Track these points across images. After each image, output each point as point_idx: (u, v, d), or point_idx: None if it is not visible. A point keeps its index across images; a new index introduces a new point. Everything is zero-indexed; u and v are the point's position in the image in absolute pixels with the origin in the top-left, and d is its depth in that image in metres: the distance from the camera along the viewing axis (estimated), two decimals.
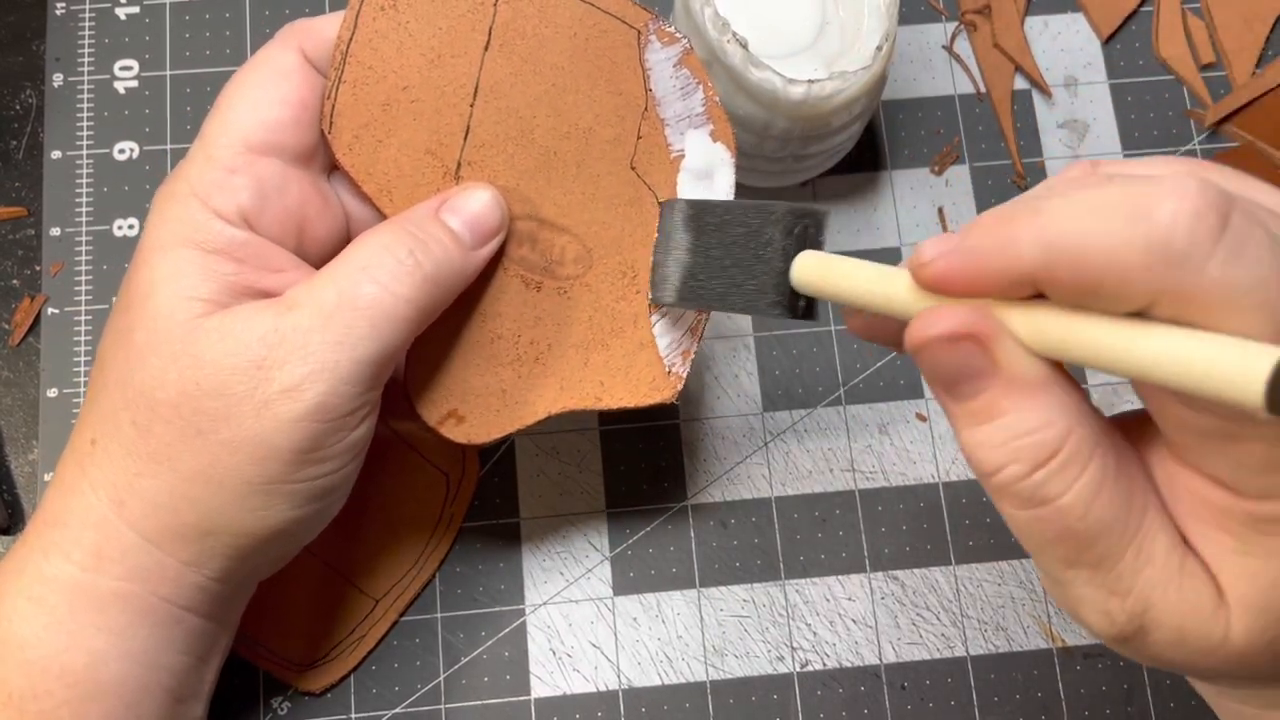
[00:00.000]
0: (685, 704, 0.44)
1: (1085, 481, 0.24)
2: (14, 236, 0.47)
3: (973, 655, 0.45)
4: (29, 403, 0.45)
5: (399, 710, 0.43)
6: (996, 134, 0.50)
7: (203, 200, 0.33)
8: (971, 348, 0.24)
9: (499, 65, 0.35)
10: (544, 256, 0.36)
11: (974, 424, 0.25)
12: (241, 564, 0.34)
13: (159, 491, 0.32)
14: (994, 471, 0.25)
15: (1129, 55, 0.51)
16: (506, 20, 0.35)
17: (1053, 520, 0.24)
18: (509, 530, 0.45)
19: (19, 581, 0.33)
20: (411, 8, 0.35)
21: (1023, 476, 0.24)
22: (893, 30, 0.42)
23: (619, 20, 0.36)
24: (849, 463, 0.46)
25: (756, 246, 0.32)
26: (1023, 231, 0.23)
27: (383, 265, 0.33)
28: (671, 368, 0.37)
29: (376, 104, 0.35)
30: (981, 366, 0.24)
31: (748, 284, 0.32)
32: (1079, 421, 0.24)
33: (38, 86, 0.49)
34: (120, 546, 0.32)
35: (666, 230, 0.36)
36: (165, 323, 0.32)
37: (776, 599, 0.45)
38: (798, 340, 0.47)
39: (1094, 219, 0.22)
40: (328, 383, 0.31)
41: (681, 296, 0.35)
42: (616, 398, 0.37)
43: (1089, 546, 0.24)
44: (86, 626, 0.32)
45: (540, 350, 0.37)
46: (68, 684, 0.32)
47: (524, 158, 0.36)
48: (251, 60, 0.35)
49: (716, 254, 0.33)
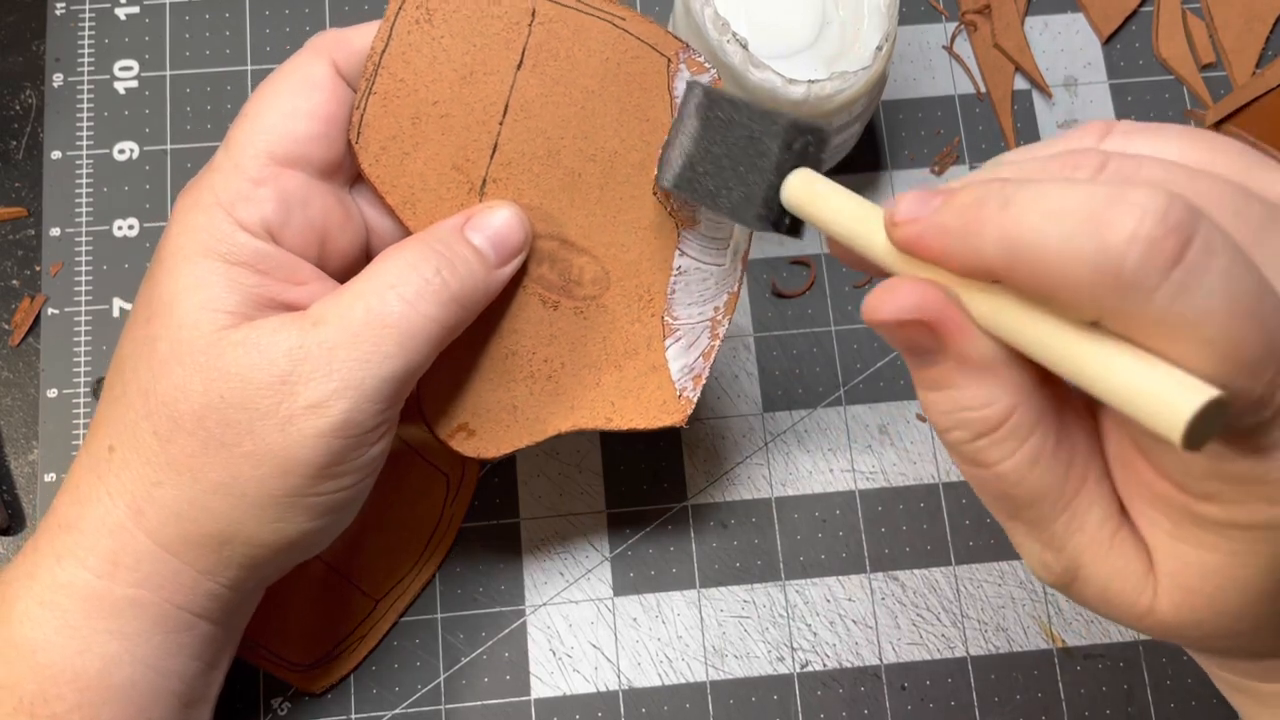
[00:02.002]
0: (685, 704, 0.44)
1: (1022, 454, 0.25)
2: (14, 236, 0.47)
3: (973, 655, 0.45)
4: (29, 403, 0.45)
5: (399, 710, 0.43)
6: (996, 134, 0.50)
7: (227, 211, 0.33)
8: (922, 331, 0.25)
9: (530, 85, 0.35)
10: (563, 276, 0.36)
11: (926, 388, 0.26)
12: (254, 573, 0.34)
13: (178, 501, 0.32)
14: (943, 432, 0.26)
15: (1129, 55, 0.51)
16: (540, 41, 0.35)
17: (992, 483, 0.26)
18: (509, 530, 0.45)
19: (31, 586, 0.33)
20: (447, 23, 0.35)
21: (966, 442, 0.25)
22: (893, 30, 0.42)
23: (651, 47, 0.36)
24: (849, 463, 0.46)
25: (754, 153, 0.32)
26: (988, 225, 0.23)
27: (410, 283, 0.33)
28: (683, 391, 0.37)
29: (406, 117, 0.35)
30: (932, 346, 0.25)
31: (738, 189, 0.32)
32: (1023, 400, 0.25)
33: (38, 86, 0.49)
34: (136, 554, 0.32)
35: (683, 112, 0.35)
36: (189, 333, 0.32)
37: (776, 599, 0.45)
38: (798, 340, 0.47)
39: (1054, 225, 0.22)
40: (353, 400, 0.32)
41: (678, 183, 0.34)
42: (627, 419, 0.37)
43: (1025, 508, 0.26)
44: (99, 631, 0.32)
45: (554, 368, 0.37)
46: (80, 688, 0.32)
47: (549, 177, 0.36)
48: (282, 68, 0.34)
49: (717, 150, 0.33)
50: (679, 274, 0.37)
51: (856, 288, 0.48)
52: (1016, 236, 0.23)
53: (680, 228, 0.37)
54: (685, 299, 0.37)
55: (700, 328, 0.38)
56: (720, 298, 0.38)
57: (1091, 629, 0.45)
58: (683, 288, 0.37)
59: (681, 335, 0.37)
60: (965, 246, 0.24)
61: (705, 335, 0.38)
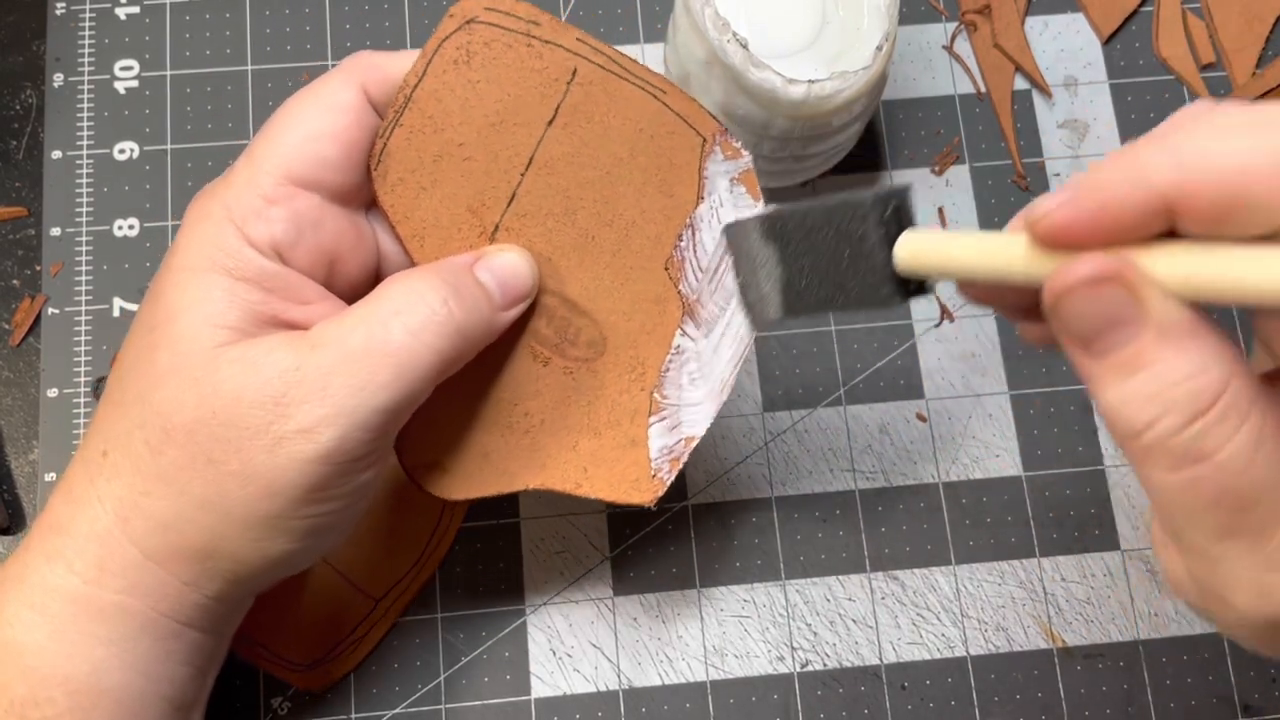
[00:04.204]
0: (685, 704, 0.44)
1: (1246, 434, 0.22)
2: (14, 236, 0.47)
3: (973, 655, 0.45)
4: (29, 403, 0.45)
5: (399, 710, 0.43)
6: (997, 134, 0.50)
7: (238, 226, 0.33)
8: (1117, 292, 0.23)
9: (559, 142, 0.35)
10: (559, 334, 0.36)
11: (1121, 378, 0.23)
12: (238, 587, 0.34)
13: (164, 512, 0.32)
14: (1144, 428, 0.23)
15: (1129, 55, 0.51)
16: (577, 101, 0.35)
17: (1209, 480, 0.22)
18: (509, 530, 0.45)
19: (21, 589, 0.33)
20: (485, 69, 0.35)
21: (1177, 429, 0.22)
22: (893, 30, 0.42)
23: (688, 125, 0.36)
24: (849, 463, 0.46)
25: (851, 245, 0.30)
26: (1152, 156, 0.22)
27: (416, 312, 0.32)
28: (658, 472, 0.36)
29: (429, 153, 0.35)
30: (1128, 313, 0.23)
31: (851, 283, 0.31)
32: (1235, 370, 0.22)
33: (38, 86, 0.49)
34: (122, 561, 0.32)
35: (744, 250, 0.34)
36: (188, 346, 0.32)
37: (776, 599, 0.45)
38: (798, 340, 0.47)
39: (1226, 137, 0.22)
40: (344, 428, 0.31)
41: (787, 311, 0.33)
42: (596, 488, 0.36)
43: (1250, 509, 0.22)
44: (89, 636, 0.32)
45: (533, 424, 0.36)
46: (70, 692, 0.32)
47: (561, 235, 0.36)
48: (312, 86, 0.34)
49: (808, 261, 0.32)
50: (676, 353, 0.36)
51: None
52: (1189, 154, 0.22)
53: (686, 309, 0.36)
54: (679, 379, 0.37)
55: (688, 411, 0.37)
56: (715, 385, 0.36)
57: (1091, 629, 0.45)
58: (678, 368, 0.36)
59: (668, 415, 0.37)
60: (1131, 188, 0.23)
61: (692, 420, 0.37)
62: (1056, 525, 0.46)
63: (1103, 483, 0.47)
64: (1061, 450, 0.47)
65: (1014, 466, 0.47)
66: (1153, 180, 0.22)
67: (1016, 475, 0.46)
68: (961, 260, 0.27)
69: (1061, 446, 0.47)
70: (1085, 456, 0.47)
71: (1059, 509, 0.46)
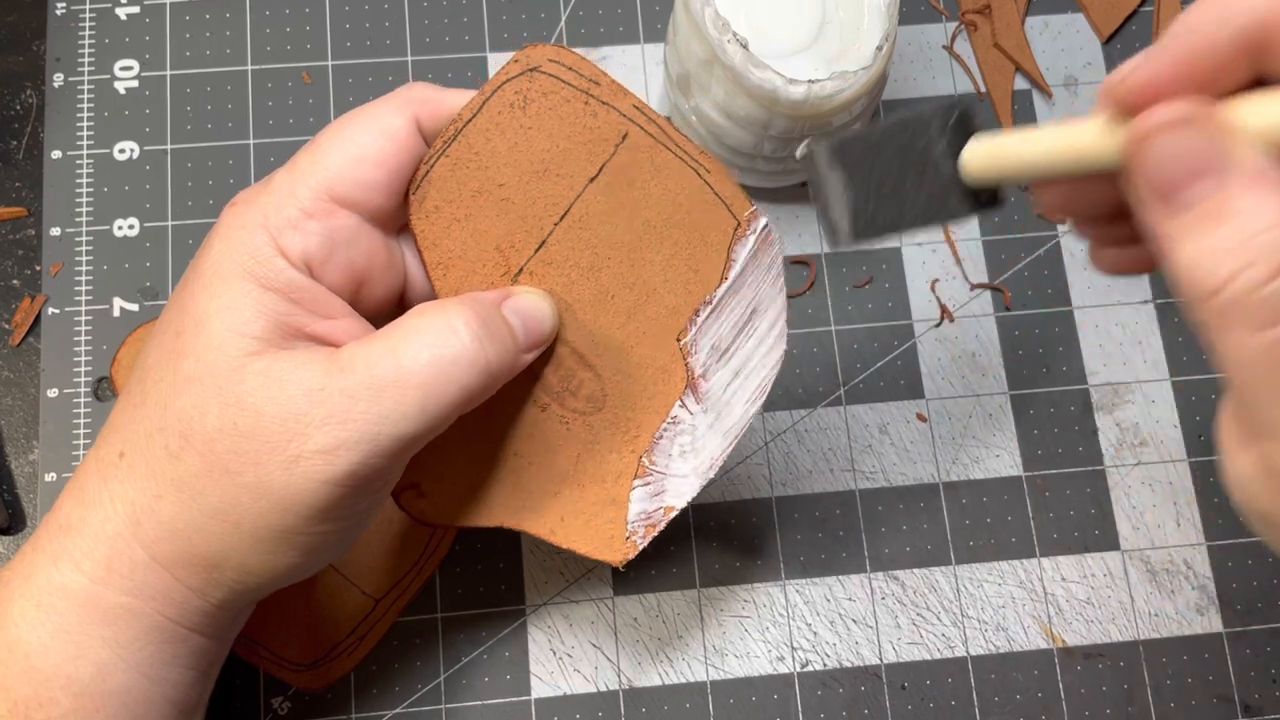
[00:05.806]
0: (685, 704, 0.44)
1: None
2: (14, 236, 0.47)
3: (973, 655, 0.45)
4: (29, 403, 0.45)
5: (399, 710, 0.43)
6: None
7: (273, 236, 0.33)
8: (1202, 137, 0.22)
9: (597, 200, 0.36)
10: (562, 383, 0.36)
11: (1201, 231, 0.22)
12: (242, 595, 0.34)
13: (176, 519, 0.32)
14: (1225, 284, 0.21)
15: (1129, 55, 0.51)
16: (622, 164, 0.36)
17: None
18: (509, 530, 0.45)
19: (27, 588, 0.33)
20: (539, 117, 0.35)
21: (1263, 281, 0.21)
22: (893, 30, 0.42)
23: (725, 206, 0.36)
24: (849, 463, 0.46)
25: (918, 159, 0.31)
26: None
27: (449, 345, 0.32)
28: (632, 534, 0.37)
29: (469, 187, 0.35)
30: (1211, 161, 0.22)
31: (920, 197, 0.31)
32: None
33: (38, 86, 0.49)
34: (130, 564, 0.32)
35: (815, 178, 0.34)
36: (215, 355, 0.32)
37: (776, 599, 0.45)
38: (798, 340, 0.47)
39: None
40: (363, 454, 0.31)
41: (858, 233, 0.33)
42: (569, 539, 0.37)
43: None
44: (93, 637, 0.32)
45: (520, 465, 0.37)
46: (73, 693, 0.32)
47: (583, 287, 0.36)
48: (366, 108, 0.34)
49: (876, 180, 0.32)
50: (673, 423, 0.37)
51: (857, 288, 0.48)
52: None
53: (690, 382, 0.37)
54: (670, 449, 0.37)
55: (674, 482, 0.37)
56: (704, 462, 0.37)
57: (1091, 629, 0.45)
58: (670, 438, 0.37)
59: (653, 482, 0.37)
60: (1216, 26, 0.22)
61: (675, 491, 0.37)
62: (1056, 525, 0.46)
63: (1103, 483, 0.47)
64: (1061, 450, 0.47)
65: (1014, 466, 0.47)
66: (1239, 19, 0.22)
67: (1016, 475, 0.46)
68: (1034, 157, 0.26)
69: (1061, 446, 0.47)
70: (1085, 456, 0.47)
71: (1059, 509, 0.46)
